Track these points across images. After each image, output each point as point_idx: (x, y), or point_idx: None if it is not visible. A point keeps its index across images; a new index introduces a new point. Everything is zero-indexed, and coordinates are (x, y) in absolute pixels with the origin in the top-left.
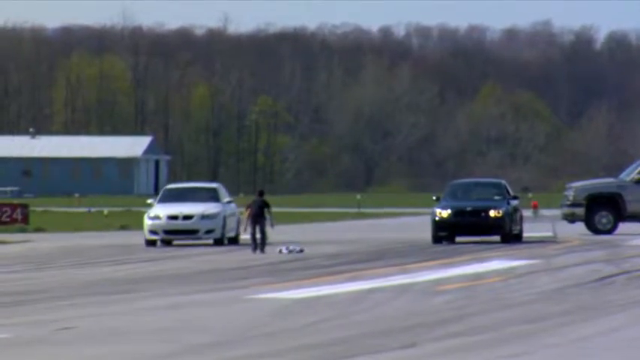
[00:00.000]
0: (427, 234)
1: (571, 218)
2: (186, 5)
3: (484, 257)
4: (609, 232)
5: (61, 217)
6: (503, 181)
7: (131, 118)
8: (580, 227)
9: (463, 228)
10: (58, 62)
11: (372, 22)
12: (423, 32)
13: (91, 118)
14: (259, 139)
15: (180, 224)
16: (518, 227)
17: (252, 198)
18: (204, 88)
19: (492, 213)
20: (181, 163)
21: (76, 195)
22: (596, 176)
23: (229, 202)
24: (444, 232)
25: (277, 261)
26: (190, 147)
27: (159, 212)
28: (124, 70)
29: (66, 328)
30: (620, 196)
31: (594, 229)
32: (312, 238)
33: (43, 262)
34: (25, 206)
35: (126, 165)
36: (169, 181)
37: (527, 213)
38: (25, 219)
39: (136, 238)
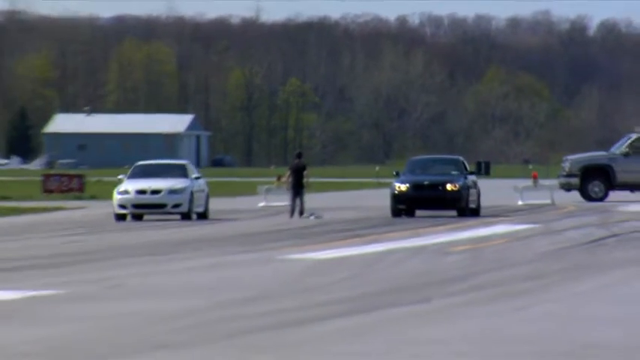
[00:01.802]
0: None
1: (567, 187)
2: None
3: (490, 222)
4: (601, 199)
5: (112, 186)
6: (461, 158)
7: (175, 98)
8: (575, 195)
9: (421, 201)
10: (111, 48)
11: (390, 12)
12: (435, 21)
13: (139, 98)
14: (289, 117)
15: (148, 198)
16: (475, 202)
17: (282, 170)
18: (240, 71)
19: (449, 187)
20: (219, 138)
21: (127, 167)
22: (590, 150)
23: (197, 178)
24: (403, 205)
25: (304, 226)
26: (227, 124)
27: (128, 187)
28: (169, 55)
29: (115, 286)
30: (610, 167)
31: (588, 197)
32: (336, 205)
33: (96, 226)
34: (81, 176)
35: (171, 140)
36: (210, 155)
37: (528, 183)
38: (81, 188)
39: None
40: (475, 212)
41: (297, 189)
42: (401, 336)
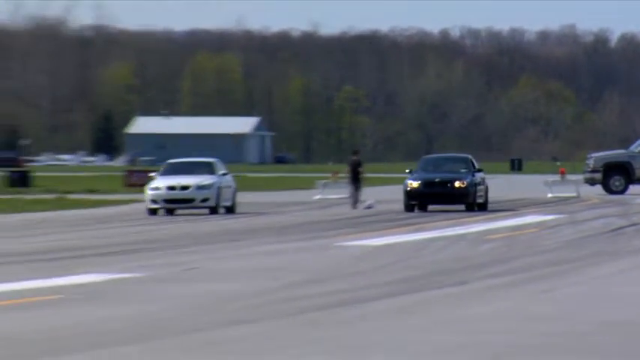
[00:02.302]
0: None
1: (591, 182)
2: (286, 12)
3: (522, 213)
4: (621, 192)
5: None
6: (470, 156)
7: (242, 102)
8: (598, 189)
9: (431, 197)
10: (186, 58)
11: (433, 26)
12: (474, 34)
13: (210, 103)
14: (343, 120)
15: (177, 194)
16: (483, 197)
17: (338, 167)
18: (300, 79)
19: (457, 184)
20: (282, 138)
21: None
22: (611, 148)
23: (225, 174)
24: (415, 201)
25: (358, 215)
26: (289, 125)
27: (159, 184)
28: (237, 65)
29: (191, 269)
30: (629, 164)
31: (609, 191)
32: (386, 197)
33: (171, 216)
34: (148, 175)
35: (238, 140)
36: (273, 153)
37: (556, 178)
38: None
39: (247, 197)
40: (483, 207)
41: (355, 182)
42: (441, 314)
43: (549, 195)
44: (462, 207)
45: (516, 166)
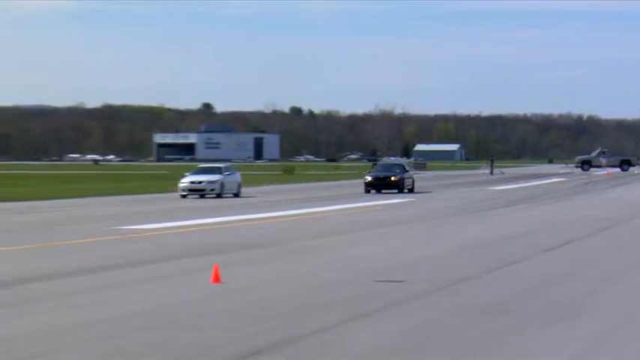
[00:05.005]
0: (541, 170)
1: (577, 167)
2: (460, 102)
3: (551, 176)
4: (587, 171)
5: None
6: (403, 162)
7: (454, 138)
8: (579, 170)
9: (379, 185)
10: (434, 123)
11: (511, 111)
12: (539, 116)
13: (440, 138)
14: (492, 146)
15: (196, 186)
16: (411, 185)
17: (485, 161)
18: (475, 131)
19: (392, 178)
20: (469, 150)
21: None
22: (583, 154)
23: (229, 174)
24: (369, 187)
25: (496, 178)
26: (471, 147)
27: (186, 179)
28: (452, 126)
29: (427, 198)
30: (590, 160)
31: (583, 170)
32: (510, 172)
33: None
34: (424, 164)
35: (449, 153)
36: (466, 156)
37: (564, 165)
38: (424, 167)
39: (448, 172)
40: (411, 190)
41: (492, 165)
42: (510, 215)
43: (561, 171)
44: (396, 190)
45: (551, 162)
